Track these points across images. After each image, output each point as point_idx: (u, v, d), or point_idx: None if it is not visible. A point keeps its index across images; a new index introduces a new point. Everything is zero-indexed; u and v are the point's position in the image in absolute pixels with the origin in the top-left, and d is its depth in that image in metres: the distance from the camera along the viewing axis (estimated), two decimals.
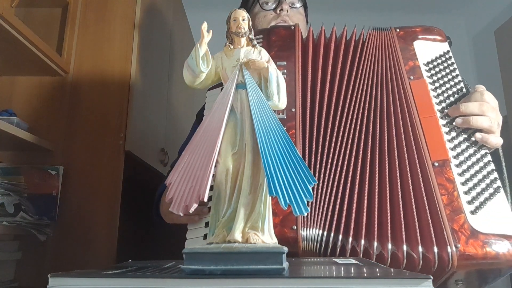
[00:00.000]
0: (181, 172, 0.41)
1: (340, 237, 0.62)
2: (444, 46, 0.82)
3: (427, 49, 0.80)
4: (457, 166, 0.67)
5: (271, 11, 1.01)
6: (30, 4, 1.17)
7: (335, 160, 0.67)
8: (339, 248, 0.61)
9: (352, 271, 0.39)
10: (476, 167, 0.67)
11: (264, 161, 0.38)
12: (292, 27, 0.80)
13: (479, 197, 0.64)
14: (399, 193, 0.64)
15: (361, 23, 0.84)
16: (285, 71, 0.74)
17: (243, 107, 0.43)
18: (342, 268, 0.42)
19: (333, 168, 0.67)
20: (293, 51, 0.76)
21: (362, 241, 0.61)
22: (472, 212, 0.62)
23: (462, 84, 0.76)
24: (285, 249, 0.36)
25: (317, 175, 0.66)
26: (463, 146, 0.69)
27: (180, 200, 0.39)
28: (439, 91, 0.75)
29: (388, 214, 0.63)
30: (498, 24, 2.76)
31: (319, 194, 0.65)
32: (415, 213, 0.62)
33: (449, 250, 0.59)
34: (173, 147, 1.53)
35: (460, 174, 0.66)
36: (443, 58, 0.79)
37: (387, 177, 0.66)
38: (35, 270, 1.00)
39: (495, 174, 0.67)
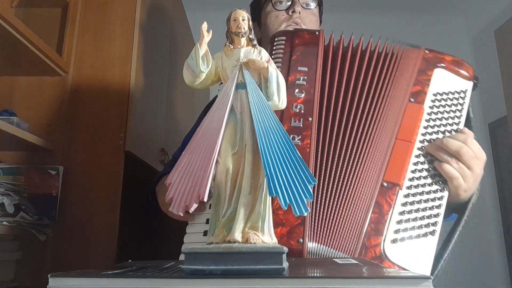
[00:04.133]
0: (181, 172, 0.41)
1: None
2: (465, 85, 0.77)
3: (445, 80, 0.76)
4: (405, 196, 0.65)
5: (283, 12, 0.99)
6: (30, 4, 1.17)
7: (347, 175, 0.65)
8: None
9: (352, 271, 0.39)
10: (424, 204, 0.65)
11: (264, 161, 0.38)
12: (317, 33, 0.78)
13: (407, 231, 0.63)
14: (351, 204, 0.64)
15: (361, 23, 0.84)
16: (305, 77, 0.72)
17: (243, 107, 0.43)
18: (342, 268, 0.42)
19: (348, 184, 0.65)
20: (315, 58, 0.74)
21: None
22: (393, 241, 0.61)
23: (460, 127, 0.73)
24: (285, 249, 0.36)
25: (328, 190, 0.64)
26: (424, 180, 0.67)
27: (180, 200, 0.39)
28: (432, 123, 0.72)
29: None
30: (498, 24, 2.76)
31: (330, 210, 0.63)
32: (342, 218, 0.62)
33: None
34: (173, 147, 1.53)
35: (403, 204, 0.64)
36: (456, 96, 0.76)
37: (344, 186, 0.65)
38: (35, 270, 1.00)
39: (438, 219, 0.65)
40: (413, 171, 0.67)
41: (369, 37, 0.78)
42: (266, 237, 0.39)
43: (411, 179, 0.67)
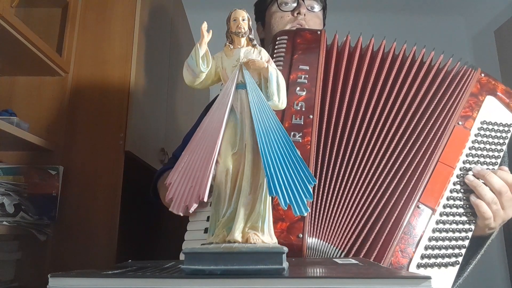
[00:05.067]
0: (181, 172, 0.41)
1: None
2: (511, 118, 0.76)
3: (494, 110, 0.75)
4: (436, 222, 0.65)
5: (289, 13, 1.00)
6: (30, 4, 1.17)
7: (347, 173, 0.66)
8: None
9: (352, 271, 0.39)
10: (452, 234, 0.65)
11: (264, 161, 0.38)
12: (318, 32, 0.78)
13: (433, 258, 0.63)
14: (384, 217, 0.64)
15: (361, 23, 0.83)
16: (307, 76, 0.72)
17: (243, 107, 0.43)
18: (342, 268, 0.42)
19: (347, 182, 0.65)
20: (317, 57, 0.74)
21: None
22: (418, 266, 0.62)
23: (498, 161, 0.72)
24: (285, 249, 0.36)
25: (328, 187, 0.65)
26: (456, 209, 0.67)
27: (180, 200, 0.39)
28: (474, 152, 0.71)
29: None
30: (498, 24, 2.76)
31: (329, 206, 0.64)
32: (341, 215, 0.63)
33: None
34: (173, 147, 1.53)
35: (433, 230, 0.64)
36: (501, 128, 0.74)
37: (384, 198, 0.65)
38: (35, 270, 1.00)
39: (462, 251, 0.65)
40: (448, 198, 0.67)
41: (370, 37, 0.77)
42: (266, 237, 0.39)
43: (445, 206, 0.66)
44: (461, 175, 0.69)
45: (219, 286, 0.33)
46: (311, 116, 0.69)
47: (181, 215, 0.40)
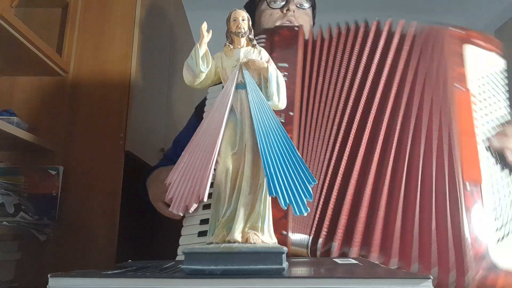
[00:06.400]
0: (181, 172, 0.41)
1: (334, 244, 0.61)
2: (500, 62, 0.72)
3: (478, 58, 0.70)
4: (487, 191, 0.61)
5: (278, 10, 1.00)
6: (30, 4, 1.17)
7: (331, 166, 0.65)
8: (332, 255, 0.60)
9: (352, 271, 0.39)
10: (505, 192, 0.62)
11: (264, 161, 0.38)
12: (296, 28, 0.78)
13: (507, 225, 0.60)
14: (416, 210, 0.60)
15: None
16: (286, 73, 0.72)
17: (243, 107, 0.43)
18: (342, 268, 0.42)
19: (330, 176, 0.65)
20: (295, 53, 0.74)
21: (355, 249, 0.60)
22: (498, 241, 0.59)
23: (504, 111, 0.69)
24: (285, 249, 0.36)
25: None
26: (494, 168, 0.64)
27: (180, 200, 0.39)
28: (479, 111, 0.66)
29: (399, 229, 0.59)
30: (498, 24, 2.76)
31: (314, 201, 0.64)
32: (433, 233, 0.58)
33: (466, 278, 0.56)
34: None
35: (489, 200, 0.60)
36: (494, 75, 0.70)
37: (402, 189, 0.61)
38: (35, 270, 1.00)
39: None
40: (485, 163, 0.63)
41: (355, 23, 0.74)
42: (266, 237, 0.39)
43: (485, 171, 0.63)
44: (485, 140, 0.64)
45: (219, 286, 0.33)
46: (292, 113, 0.68)
47: (181, 215, 0.40)
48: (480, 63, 0.70)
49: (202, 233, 0.68)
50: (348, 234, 0.61)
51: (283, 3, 1.00)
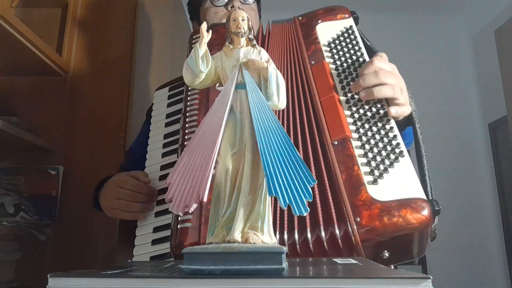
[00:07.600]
0: (181, 172, 0.41)
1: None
2: (347, 22, 0.81)
3: (329, 30, 0.80)
4: (357, 139, 0.67)
5: (222, 7, 0.98)
6: (30, 4, 1.17)
7: None
8: None
9: (352, 271, 0.39)
10: (377, 137, 0.67)
11: (263, 161, 0.38)
12: None
13: (379, 166, 0.64)
14: None
15: (361, 23, 0.83)
16: None
17: (242, 107, 0.43)
18: (342, 268, 0.42)
19: None
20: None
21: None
22: (372, 182, 0.62)
23: (364, 57, 0.76)
24: (285, 249, 0.36)
25: None
26: (365, 118, 0.69)
27: (179, 200, 0.39)
28: (340, 69, 0.75)
29: None
30: (498, 24, 2.76)
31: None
32: (317, 197, 0.62)
33: (349, 226, 0.59)
34: None
35: (361, 147, 0.66)
36: (346, 35, 0.79)
37: None
38: (35, 270, 1.00)
39: (398, 140, 0.66)
40: (351, 116, 0.70)
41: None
42: (266, 237, 0.39)
43: (354, 123, 0.69)
44: (349, 92, 0.72)
45: (219, 286, 0.33)
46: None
47: (181, 215, 0.40)
48: (330, 33, 0.80)
49: (155, 241, 0.72)
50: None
51: (227, 0, 0.98)
